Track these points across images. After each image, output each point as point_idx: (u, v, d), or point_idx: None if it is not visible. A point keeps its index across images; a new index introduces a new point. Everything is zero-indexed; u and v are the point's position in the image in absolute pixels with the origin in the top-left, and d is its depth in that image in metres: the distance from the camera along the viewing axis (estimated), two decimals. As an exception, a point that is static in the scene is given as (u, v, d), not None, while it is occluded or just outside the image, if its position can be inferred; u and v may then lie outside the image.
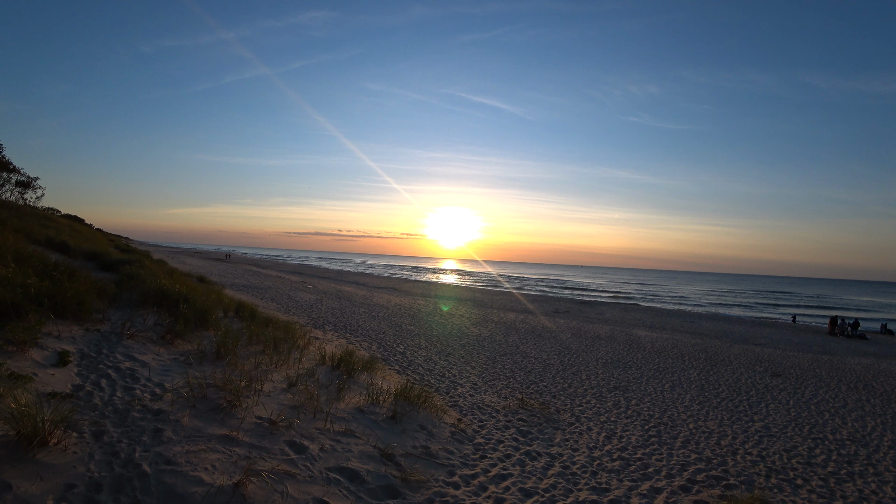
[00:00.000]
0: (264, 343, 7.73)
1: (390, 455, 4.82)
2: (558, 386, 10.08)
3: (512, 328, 18.87)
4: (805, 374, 13.96)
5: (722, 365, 14.49)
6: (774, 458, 7.02)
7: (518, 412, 7.77)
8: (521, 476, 5.29)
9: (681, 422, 8.37)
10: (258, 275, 37.05)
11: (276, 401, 5.39)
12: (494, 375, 10.41)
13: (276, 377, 6.27)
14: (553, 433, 6.99)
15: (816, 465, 6.91)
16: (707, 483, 5.85)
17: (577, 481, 5.40)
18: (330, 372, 7.28)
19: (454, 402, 7.95)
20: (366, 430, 5.28)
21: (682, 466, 6.29)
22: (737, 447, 7.32)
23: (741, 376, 12.94)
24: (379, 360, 10.14)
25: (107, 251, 16.45)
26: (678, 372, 12.86)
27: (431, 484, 4.56)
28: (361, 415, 5.71)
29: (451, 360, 11.42)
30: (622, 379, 11.41)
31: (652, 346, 17.44)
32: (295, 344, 8.50)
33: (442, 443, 5.72)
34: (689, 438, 7.50)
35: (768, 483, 6.08)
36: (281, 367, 6.80)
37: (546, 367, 11.98)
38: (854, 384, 13.06)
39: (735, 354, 16.91)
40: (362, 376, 7.55)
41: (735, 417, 8.96)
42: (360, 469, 4.34)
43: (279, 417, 4.84)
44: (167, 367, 5.81)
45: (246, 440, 4.27)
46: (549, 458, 5.98)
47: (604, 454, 6.40)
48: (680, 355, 15.68)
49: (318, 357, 8.00)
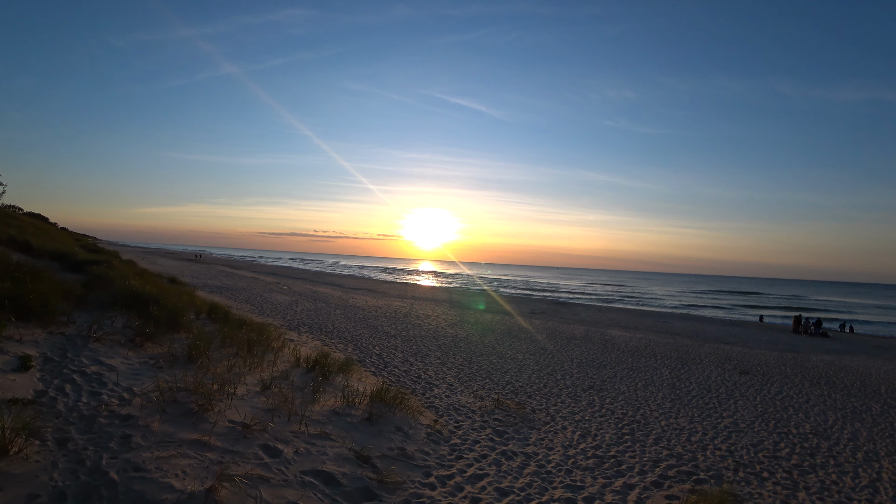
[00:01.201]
0: (238, 345, 7.61)
1: (366, 457, 4.80)
2: (534, 386, 10.18)
3: (488, 329, 18.97)
4: (771, 372, 14.41)
5: (693, 363, 14.85)
6: (742, 452, 7.24)
7: (494, 412, 7.82)
8: (497, 476, 5.33)
9: (653, 419, 8.54)
10: (232, 276, 36.41)
11: (249, 404, 5.31)
12: (471, 376, 10.45)
13: (250, 380, 6.18)
14: (529, 433, 7.06)
15: (781, 458, 7.15)
16: (678, 478, 5.99)
17: (553, 480, 5.47)
18: (305, 374, 7.21)
19: (430, 403, 7.96)
20: (341, 433, 5.24)
21: (654, 463, 6.43)
22: (706, 443, 7.52)
23: (711, 374, 13.28)
24: (355, 362, 10.08)
25: (73, 251, 15.96)
26: (651, 371, 13.12)
27: (408, 485, 4.56)
28: (337, 417, 5.67)
29: (427, 362, 11.43)
30: (597, 378, 11.58)
31: (626, 345, 17.76)
32: (269, 346, 8.39)
33: (418, 444, 5.72)
34: (661, 435, 7.67)
35: (736, 476, 6.26)
36: (255, 370, 6.71)
37: (522, 367, 12.08)
38: (817, 380, 13.54)
39: (705, 353, 17.35)
40: (338, 378, 7.50)
41: (705, 414, 9.20)
42: (336, 472, 4.31)
43: (253, 421, 4.77)
44: (136, 371, 5.67)
45: (218, 445, 4.20)
46: (525, 458, 6.03)
47: (578, 452, 6.49)
48: (653, 354, 16.01)
49: (292, 359, 7.91)
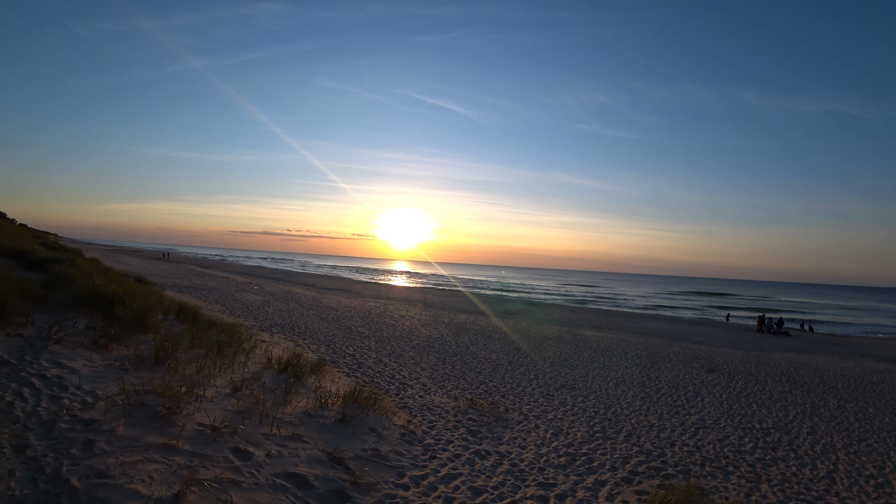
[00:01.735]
0: (208, 346, 7.44)
1: (339, 458, 4.76)
2: (507, 385, 10.26)
3: (462, 329, 19.03)
4: (736, 369, 14.86)
5: (662, 362, 15.20)
6: (709, 447, 7.46)
7: (468, 412, 7.86)
8: (470, 475, 5.36)
9: (624, 417, 8.72)
10: (202, 275, 35.59)
11: (219, 406, 5.21)
12: (444, 376, 10.47)
13: (220, 382, 6.06)
14: (502, 432, 7.11)
15: (745, 452, 7.39)
16: (648, 474, 6.13)
17: (525, 478, 5.52)
18: (277, 375, 7.10)
19: (404, 403, 7.95)
20: (314, 434, 5.18)
21: (624, 459, 6.56)
22: (675, 439, 7.72)
23: (680, 372, 13.61)
24: (328, 363, 9.98)
25: (32, 249, 15.35)
26: (622, 370, 13.38)
27: (381, 486, 4.55)
28: (309, 419, 5.61)
29: (401, 362, 11.40)
30: (569, 377, 11.75)
31: (598, 345, 18.05)
32: (240, 347, 8.24)
33: (392, 444, 5.70)
34: (631, 433, 7.83)
35: (703, 471, 6.45)
36: (225, 372, 6.57)
37: (495, 367, 12.16)
38: (779, 377, 14.03)
39: (674, 352, 17.78)
40: (310, 379, 7.41)
41: (674, 411, 9.43)
42: (308, 474, 4.26)
43: (223, 424, 4.67)
44: (100, 374, 5.49)
45: (187, 448, 4.10)
46: (498, 457, 6.08)
47: (551, 451, 6.57)
48: (624, 354, 16.32)
49: (264, 360, 7.78)
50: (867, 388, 13.30)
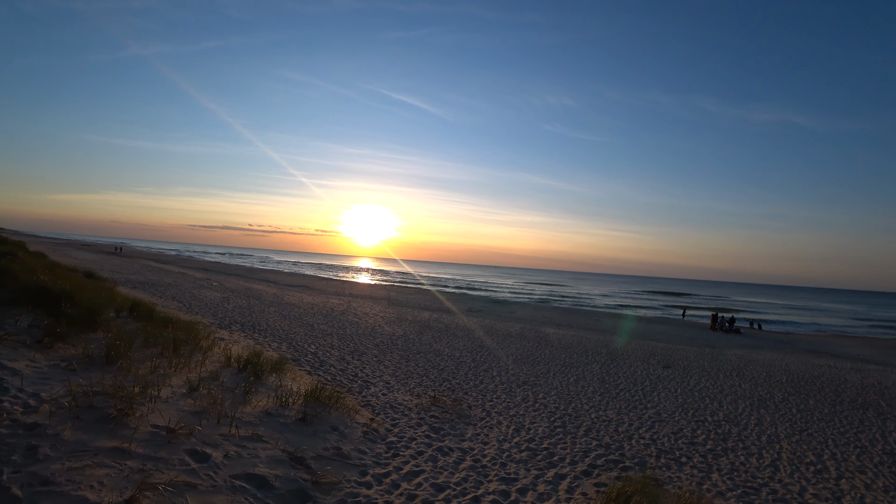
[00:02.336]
0: (163, 345, 7.20)
1: (300, 458, 4.70)
2: (470, 382, 10.34)
3: (426, 327, 19.04)
4: (691, 365, 15.46)
5: (621, 359, 15.64)
6: (664, 440, 7.74)
7: (431, 409, 7.88)
8: (433, 471, 5.38)
9: (584, 412, 8.93)
10: (158, 271, 34.30)
11: (175, 407, 5.04)
12: (408, 374, 10.46)
13: (176, 381, 5.87)
14: (465, 428, 7.17)
15: (698, 444, 7.72)
16: (606, 467, 6.31)
17: (488, 473, 5.59)
18: (236, 374, 6.94)
19: (367, 401, 7.90)
20: (274, 434, 5.09)
21: (584, 453, 6.73)
22: (632, 432, 7.97)
23: (637, 368, 14.04)
24: (289, 361, 9.81)
25: (-30, 243, 14.44)
26: (582, 366, 13.69)
27: (343, 485, 4.51)
28: (270, 418, 5.50)
29: (364, 360, 11.32)
30: (531, 374, 11.94)
31: (559, 342, 18.41)
32: (198, 345, 8.00)
33: (354, 443, 5.66)
34: (590, 427, 8.03)
35: (658, 462, 6.70)
36: (181, 371, 6.37)
37: (459, 364, 12.24)
38: (729, 372, 14.67)
39: (633, 349, 18.32)
40: (271, 378, 7.27)
41: (631, 406, 9.72)
42: (269, 474, 4.19)
43: (178, 425, 4.53)
44: (45, 375, 5.23)
45: (140, 451, 3.96)
46: (461, 453, 6.13)
47: (513, 446, 6.67)
48: (584, 351, 16.70)
49: (223, 359, 7.58)
50: (809, 382, 14.08)
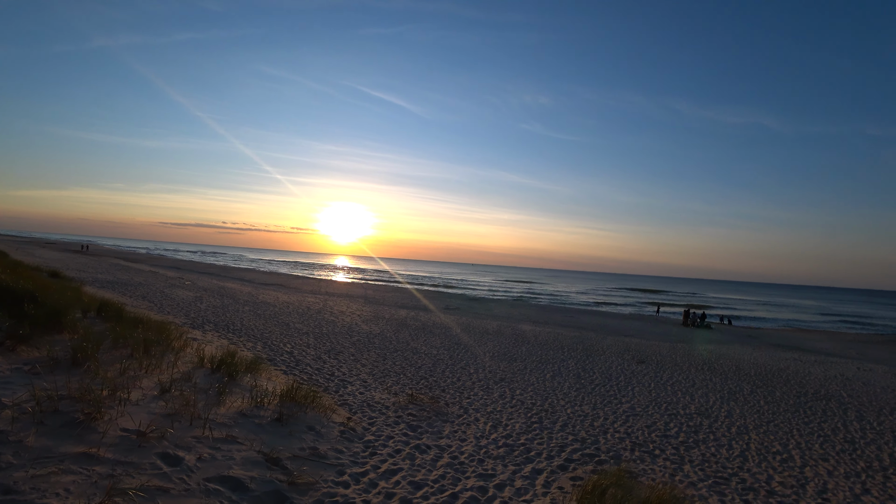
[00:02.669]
0: (133, 346, 7.01)
1: (276, 459, 4.64)
2: (448, 380, 10.37)
3: (403, 325, 19.01)
4: (664, 360, 15.80)
5: (596, 355, 15.88)
6: (638, 433, 7.90)
7: (408, 407, 7.87)
8: (411, 469, 5.38)
9: (560, 408, 9.04)
10: (127, 269, 33.37)
11: (146, 410, 4.92)
12: (385, 372, 10.43)
13: (147, 383, 5.73)
14: (442, 426, 7.19)
15: (671, 436, 7.91)
16: (582, 461, 6.41)
17: (465, 470, 5.61)
18: (209, 375, 6.81)
19: (344, 400, 7.85)
20: (249, 435, 5.02)
21: (560, 448, 6.82)
22: (607, 427, 8.11)
23: (612, 364, 14.29)
24: (264, 361, 9.68)
25: (-75, 242, 13.82)
26: (558, 362, 13.86)
27: (320, 485, 4.47)
28: (245, 419, 5.42)
29: (340, 359, 11.23)
30: (508, 371, 12.03)
31: (536, 339, 18.59)
32: (170, 346, 7.82)
33: (331, 443, 5.62)
34: (567, 422, 8.14)
35: (633, 455, 6.84)
36: (153, 372, 6.22)
37: (436, 362, 12.25)
38: (700, 366, 15.05)
39: (608, 345, 18.63)
40: (246, 378, 7.16)
41: (606, 401, 9.89)
42: (244, 476, 4.12)
43: (149, 428, 4.42)
44: (7, 379, 5.04)
45: (109, 456, 3.85)
46: (439, 450, 6.14)
47: (490, 442, 6.72)
48: (560, 347, 16.90)
49: (196, 359, 7.42)
50: (775, 375, 14.55)
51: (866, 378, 15.34)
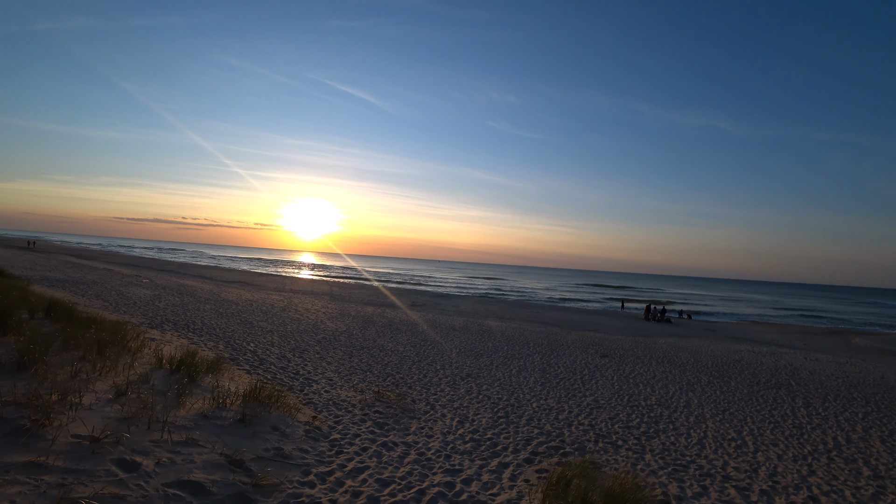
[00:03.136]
0: (85, 347, 6.72)
1: (239, 461, 4.54)
2: (414, 376, 10.37)
3: (369, 322, 18.88)
4: (626, 354, 16.23)
5: (561, 349, 16.17)
6: (602, 425, 8.10)
7: (375, 405, 7.84)
8: (377, 467, 5.36)
9: (525, 402, 9.17)
10: (79, 267, 31.91)
11: (100, 414, 4.73)
12: (351, 370, 10.34)
13: (101, 387, 5.50)
14: (409, 422, 7.18)
15: (633, 427, 8.14)
16: (547, 453, 6.52)
17: (433, 466, 5.63)
18: (168, 376, 6.59)
19: (309, 399, 7.74)
20: (211, 437, 4.89)
21: (526, 441, 6.92)
22: (572, 420, 8.28)
23: (577, 358, 14.58)
24: (227, 361, 9.44)
25: None
26: (524, 357, 14.05)
27: (285, 486, 4.40)
28: (206, 421, 5.27)
29: (305, 357, 11.07)
30: (474, 366, 12.12)
31: (502, 335, 18.78)
32: (126, 347, 7.53)
33: (296, 442, 5.54)
34: (532, 416, 8.27)
35: (596, 447, 7.01)
36: (107, 375, 5.97)
37: (403, 358, 12.23)
38: (661, 359, 15.53)
39: (572, 340, 18.99)
40: (207, 379, 6.97)
41: (571, 394, 10.09)
42: (205, 480, 4.02)
43: (104, 433, 4.25)
44: (-53, 384, 4.75)
45: (59, 465, 3.68)
46: (406, 447, 6.14)
47: (457, 438, 6.76)
48: (526, 342, 17.13)
49: (153, 360, 7.17)
50: (731, 366, 15.17)
51: (812, 367, 16.18)
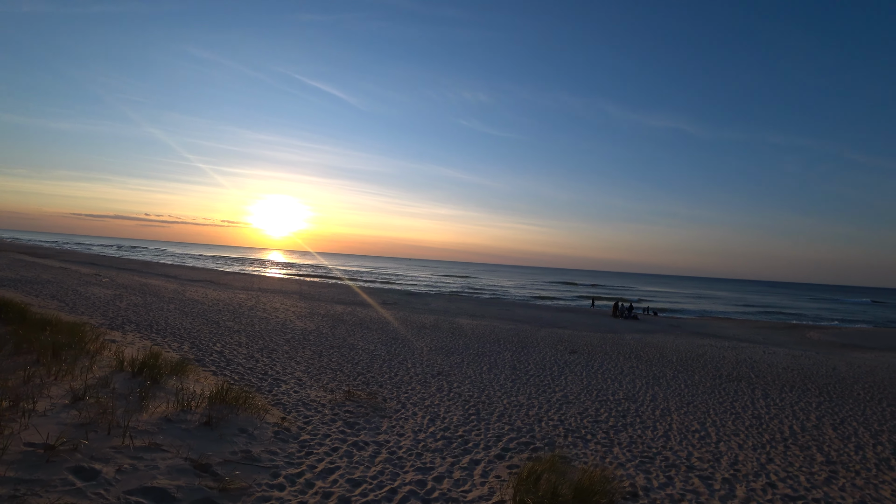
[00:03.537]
0: (39, 351, 6.44)
1: (205, 465, 4.43)
2: (385, 375, 10.32)
3: (340, 320, 18.70)
4: (594, 350, 16.54)
5: (531, 346, 16.36)
6: (571, 420, 8.23)
7: (345, 404, 7.77)
8: (348, 467, 5.31)
9: (496, 399, 9.25)
10: (33, 266, 30.49)
11: (55, 420, 4.54)
12: (321, 369, 10.22)
13: (57, 392, 5.28)
14: (380, 421, 7.15)
15: (601, 421, 8.31)
16: (518, 449, 6.59)
17: (404, 464, 5.62)
18: (130, 379, 6.38)
19: (278, 400, 7.61)
20: (175, 441, 4.75)
21: (497, 438, 6.97)
22: (542, 415, 8.39)
23: (546, 355, 14.78)
24: (192, 362, 9.20)
25: None
26: (495, 355, 14.15)
27: (254, 489, 4.32)
28: (170, 424, 5.13)
29: (274, 357, 10.89)
30: (445, 364, 12.14)
31: (473, 332, 18.88)
32: (84, 349, 7.25)
33: (265, 444, 5.44)
34: (503, 413, 8.34)
35: (566, 442, 7.13)
36: (63, 379, 5.74)
37: (373, 357, 12.16)
38: (628, 355, 15.90)
39: (542, 337, 19.24)
40: (171, 381, 6.77)
41: (541, 390, 10.22)
42: (169, 486, 3.90)
43: (60, 440, 4.08)
44: None
45: (11, 475, 3.51)
46: (377, 446, 6.10)
47: (428, 436, 6.76)
48: (497, 340, 17.27)
49: (114, 363, 6.93)
50: (695, 360, 15.65)
51: (771, 360, 16.84)
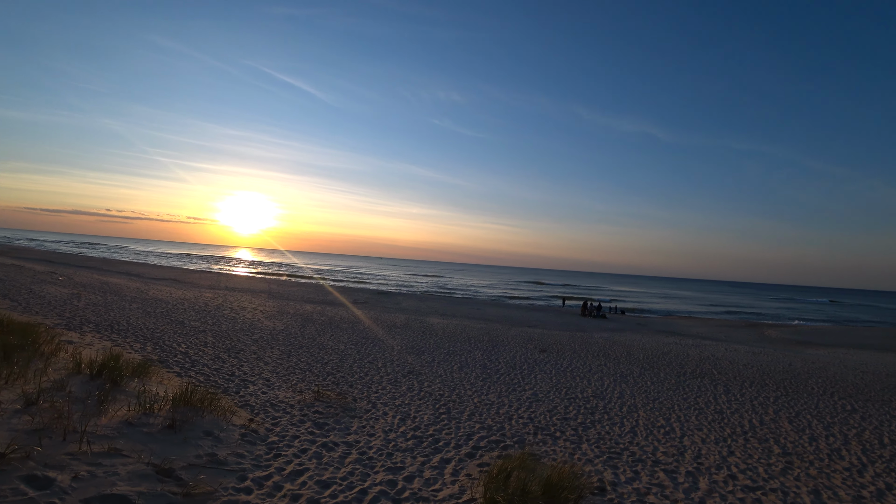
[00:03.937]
0: (-11, 353, 6.12)
1: (168, 470, 4.30)
2: (355, 375, 10.23)
3: (309, 320, 18.45)
4: (564, 348, 16.79)
5: (502, 345, 16.49)
6: (540, 418, 8.33)
7: (314, 405, 7.67)
8: (317, 469, 5.24)
9: (467, 397, 9.28)
10: (-19, 265, 29.01)
11: (6, 427, 4.32)
12: (289, 370, 10.06)
13: (8, 396, 5.03)
14: (350, 422, 7.08)
15: (570, 418, 8.44)
16: (488, 447, 6.63)
17: (374, 465, 5.58)
18: (88, 382, 6.13)
19: (245, 401, 7.46)
20: (137, 446, 4.60)
21: (468, 436, 7.00)
22: (512, 413, 8.46)
23: (517, 354, 14.91)
24: (155, 363, 8.91)
25: None
26: (465, 354, 14.20)
27: (220, 493, 4.22)
28: (131, 428, 4.95)
29: (241, 357, 10.65)
30: (416, 364, 12.12)
31: (443, 331, 18.90)
32: (38, 351, 6.94)
33: (231, 447, 5.31)
34: (474, 411, 8.38)
35: (536, 439, 7.21)
36: (15, 382, 5.48)
37: (343, 357, 12.04)
38: (597, 353, 16.20)
39: (512, 336, 19.40)
40: (132, 383, 6.55)
41: (511, 389, 10.31)
42: (130, 493, 3.77)
43: (11, 448, 3.88)
44: None
45: (-42, 480, 3.34)
46: (347, 447, 6.05)
47: (399, 435, 6.73)
48: (467, 339, 17.33)
49: (71, 365, 6.65)
50: (660, 358, 16.06)
51: (732, 357, 17.44)
